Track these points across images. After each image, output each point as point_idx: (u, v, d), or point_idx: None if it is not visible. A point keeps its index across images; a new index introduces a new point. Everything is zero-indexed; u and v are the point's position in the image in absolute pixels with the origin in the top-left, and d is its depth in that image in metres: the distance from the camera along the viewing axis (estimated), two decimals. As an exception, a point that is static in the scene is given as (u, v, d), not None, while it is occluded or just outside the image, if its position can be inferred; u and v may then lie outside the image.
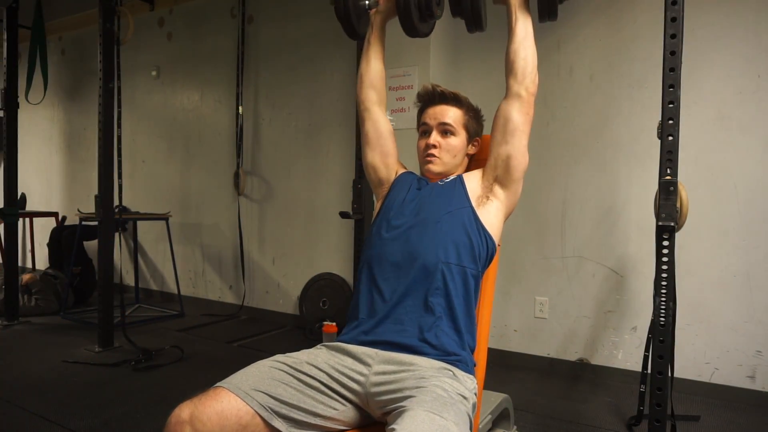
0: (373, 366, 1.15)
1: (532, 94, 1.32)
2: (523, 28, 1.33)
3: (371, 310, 1.25)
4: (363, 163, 1.57)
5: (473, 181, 1.38)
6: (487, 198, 1.35)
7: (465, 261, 1.25)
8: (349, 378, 1.14)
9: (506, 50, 1.34)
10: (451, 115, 1.42)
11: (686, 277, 2.45)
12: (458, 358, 1.17)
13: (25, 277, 3.89)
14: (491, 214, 1.33)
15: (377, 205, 1.49)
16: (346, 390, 1.14)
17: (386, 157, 1.50)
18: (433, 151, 1.41)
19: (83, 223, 3.83)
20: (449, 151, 1.42)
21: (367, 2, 1.54)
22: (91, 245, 3.87)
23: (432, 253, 1.23)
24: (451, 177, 1.42)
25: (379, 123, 1.50)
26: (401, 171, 1.51)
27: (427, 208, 1.33)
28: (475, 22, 1.37)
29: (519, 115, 1.31)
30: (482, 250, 1.29)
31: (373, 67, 1.52)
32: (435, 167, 1.42)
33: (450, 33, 3.05)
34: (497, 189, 1.35)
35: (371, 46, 1.52)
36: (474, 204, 1.33)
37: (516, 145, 1.32)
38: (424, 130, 1.45)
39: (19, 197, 3.78)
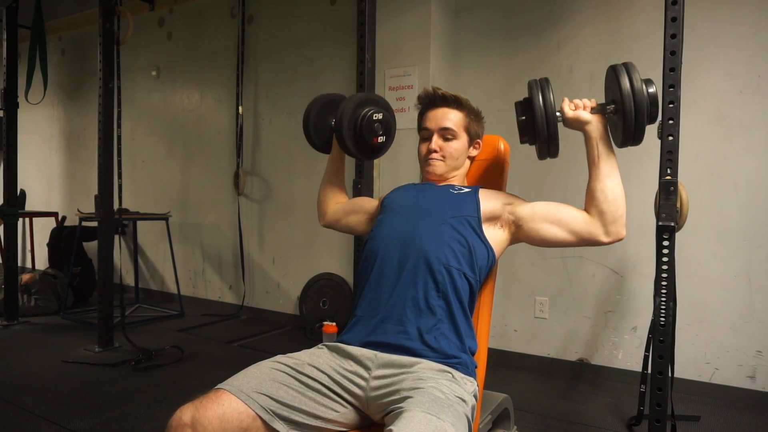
0: (372, 370, 1.14)
1: (620, 239, 1.23)
2: (608, 164, 1.24)
3: (370, 306, 1.25)
4: (356, 233, 1.64)
5: (494, 202, 1.34)
6: (501, 227, 1.33)
7: (465, 267, 1.24)
8: (349, 381, 1.14)
9: (590, 185, 1.25)
10: (452, 118, 1.42)
11: (686, 277, 2.45)
12: (458, 360, 1.17)
13: (25, 277, 3.89)
14: (497, 238, 1.33)
15: (375, 221, 1.48)
16: (346, 392, 1.14)
17: (360, 208, 1.58)
18: (434, 155, 1.42)
19: (83, 224, 3.83)
20: (451, 154, 1.42)
21: (333, 121, 1.62)
22: (91, 245, 3.87)
23: (434, 252, 1.23)
24: (465, 188, 1.40)
25: (337, 212, 1.63)
26: (387, 193, 1.50)
27: (434, 208, 1.32)
28: (551, 152, 1.29)
29: (586, 241, 1.26)
30: (483, 259, 1.28)
31: (330, 192, 1.68)
32: (436, 170, 1.42)
33: (450, 33, 3.05)
34: (513, 230, 1.33)
35: (329, 171, 1.69)
36: (484, 219, 1.31)
37: (558, 242, 1.29)
38: (425, 134, 1.45)
39: (18, 193, 3.77)
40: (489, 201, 1.34)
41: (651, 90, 1.21)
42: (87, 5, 4.56)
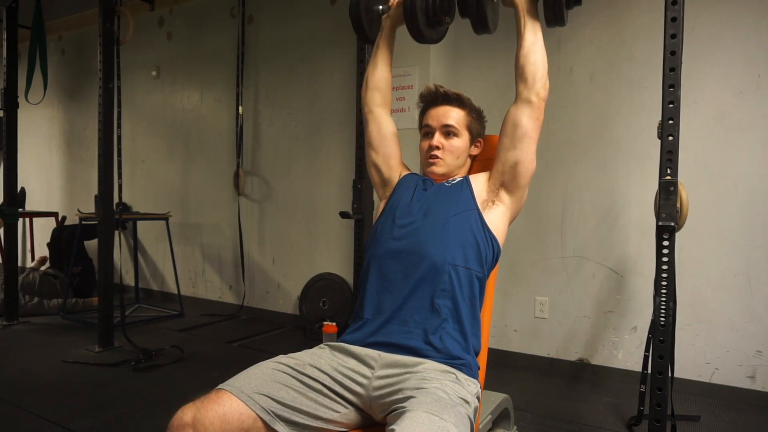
0: (376, 369, 1.14)
1: (543, 99, 1.30)
2: (532, 32, 1.31)
3: (377, 310, 1.24)
4: (366, 163, 1.56)
5: (479, 184, 1.37)
6: (493, 202, 1.34)
7: (472, 263, 1.25)
8: (351, 380, 1.14)
9: (516, 55, 1.32)
10: (454, 116, 1.42)
11: (686, 277, 2.45)
12: (462, 362, 1.17)
13: (38, 258, 3.89)
14: (497, 218, 1.33)
15: (381, 205, 1.48)
16: (348, 392, 1.14)
17: (389, 158, 1.50)
18: (436, 152, 1.41)
19: (83, 222, 3.83)
20: (452, 152, 1.42)
21: (380, 7, 1.55)
22: (92, 245, 3.87)
23: (439, 254, 1.23)
24: (458, 178, 1.41)
25: (383, 124, 1.50)
26: (405, 172, 1.50)
27: (435, 209, 1.32)
28: (480, 22, 1.34)
29: (529, 121, 1.30)
30: (488, 252, 1.29)
31: (380, 71, 1.53)
32: (438, 169, 1.42)
33: (450, 33, 3.04)
34: (503, 194, 1.35)
35: (379, 50, 1.53)
36: (480, 207, 1.32)
37: (525, 151, 1.31)
38: (427, 132, 1.45)
39: (18, 191, 3.77)
40: (476, 184, 1.37)
41: None
42: (87, 5, 4.56)
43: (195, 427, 0.98)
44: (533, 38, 1.30)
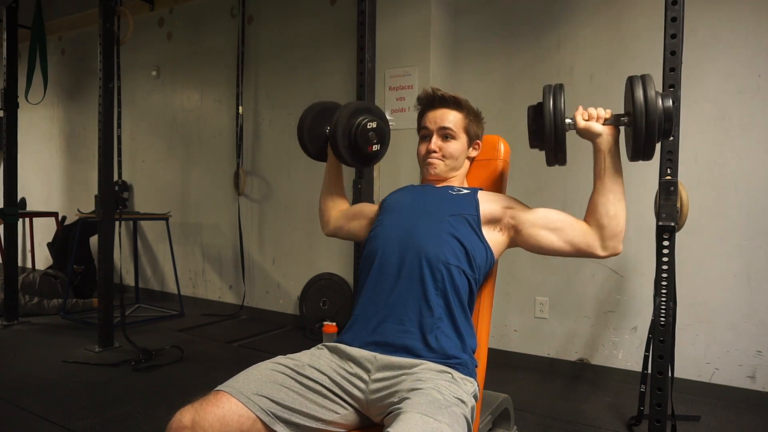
0: (372, 372, 1.14)
1: (616, 255, 1.23)
2: (614, 179, 1.21)
3: (371, 305, 1.24)
4: (360, 239, 1.57)
5: (493, 205, 1.34)
6: (500, 230, 1.33)
7: (464, 264, 1.24)
8: (350, 383, 1.14)
9: (593, 197, 1.24)
10: (452, 119, 1.42)
11: (686, 277, 2.45)
12: (458, 361, 1.17)
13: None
14: (496, 239, 1.32)
15: (374, 222, 1.47)
16: (347, 394, 1.14)
17: (361, 213, 1.56)
18: (433, 155, 1.42)
19: (87, 219, 3.82)
20: (450, 155, 1.42)
21: (327, 129, 1.60)
22: (96, 243, 3.86)
23: (433, 249, 1.23)
24: (464, 189, 1.40)
25: (339, 220, 1.60)
26: (382, 199, 1.50)
27: (433, 209, 1.32)
28: (558, 158, 1.26)
29: (583, 253, 1.25)
30: (481, 257, 1.28)
31: (330, 200, 1.64)
32: (436, 170, 1.42)
33: (450, 33, 3.05)
34: (512, 234, 1.33)
35: (327, 178, 1.65)
36: (483, 221, 1.31)
37: (555, 250, 1.28)
38: (425, 135, 1.45)
39: (18, 202, 3.77)
40: (489, 204, 1.34)
41: (666, 104, 1.16)
42: (87, 5, 4.56)
43: (194, 429, 0.98)
44: (614, 187, 1.21)
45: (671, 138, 1.59)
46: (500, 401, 1.66)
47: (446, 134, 1.42)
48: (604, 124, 1.24)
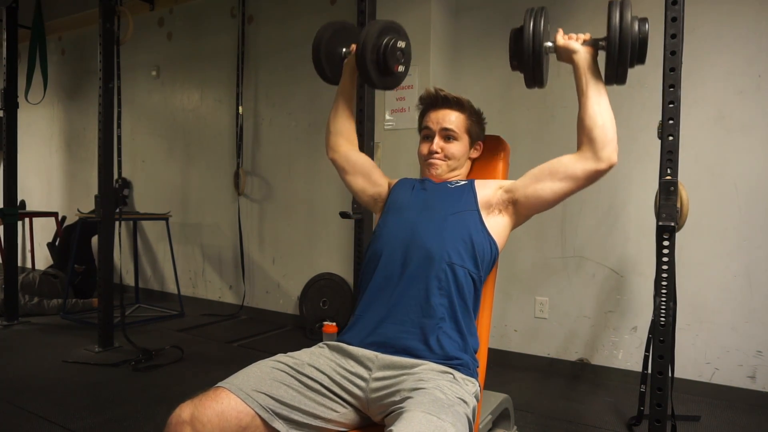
0: (373, 371, 1.14)
1: (612, 164, 1.22)
2: (597, 92, 1.23)
3: (373, 304, 1.24)
4: (352, 192, 1.56)
5: (486, 189, 1.35)
6: (499, 211, 1.33)
7: (468, 263, 1.24)
8: (350, 382, 1.14)
9: (579, 115, 1.25)
10: (453, 119, 1.42)
11: (686, 277, 2.45)
12: (460, 361, 1.17)
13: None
14: (498, 225, 1.32)
15: (377, 216, 1.48)
16: (346, 393, 1.14)
17: (369, 176, 1.50)
18: (435, 156, 1.41)
19: (87, 219, 3.82)
20: (452, 156, 1.42)
21: (343, 50, 1.56)
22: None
23: (436, 248, 1.23)
24: (461, 182, 1.40)
25: (350, 154, 1.53)
26: (394, 181, 1.49)
27: (434, 206, 1.32)
28: (536, 79, 1.28)
29: (583, 177, 1.25)
30: (486, 254, 1.28)
31: (341, 118, 1.56)
32: (437, 172, 1.42)
33: (450, 33, 3.05)
34: (512, 209, 1.33)
35: (340, 97, 1.57)
36: (482, 210, 1.31)
37: (558, 194, 1.28)
38: (427, 135, 1.45)
39: (18, 204, 3.76)
40: (484, 189, 1.35)
41: (642, 28, 1.19)
42: (87, 5, 4.56)
43: (193, 424, 0.98)
44: (598, 98, 1.23)
45: (670, 138, 1.59)
46: (500, 401, 1.66)
47: (448, 135, 1.41)
48: (582, 45, 1.28)
